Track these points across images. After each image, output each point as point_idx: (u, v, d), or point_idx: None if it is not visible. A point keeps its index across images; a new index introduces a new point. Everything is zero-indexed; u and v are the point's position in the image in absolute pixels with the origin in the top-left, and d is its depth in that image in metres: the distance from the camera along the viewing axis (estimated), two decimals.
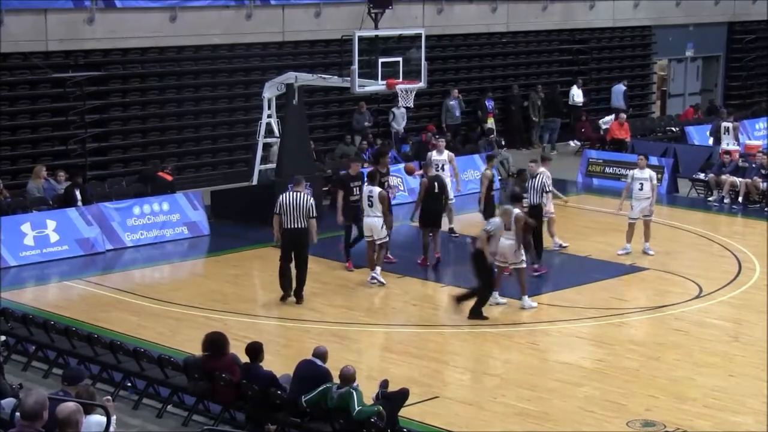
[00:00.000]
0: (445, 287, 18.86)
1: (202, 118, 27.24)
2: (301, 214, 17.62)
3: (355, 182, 19.88)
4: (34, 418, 8.13)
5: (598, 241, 21.71)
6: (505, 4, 32.42)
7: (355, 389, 11.97)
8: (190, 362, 13.24)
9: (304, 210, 17.63)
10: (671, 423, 13.15)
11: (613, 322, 17.16)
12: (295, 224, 17.65)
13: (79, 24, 24.78)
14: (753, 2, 38.37)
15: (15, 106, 24.44)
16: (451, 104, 30.62)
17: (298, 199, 17.69)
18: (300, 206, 17.63)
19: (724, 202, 25.43)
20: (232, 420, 13.12)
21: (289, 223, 17.67)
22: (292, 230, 17.67)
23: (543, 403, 13.81)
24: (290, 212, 17.65)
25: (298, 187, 17.97)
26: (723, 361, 15.41)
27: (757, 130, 32.50)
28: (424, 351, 15.79)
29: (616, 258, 20.34)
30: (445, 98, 30.77)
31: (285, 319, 17.44)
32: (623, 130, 30.32)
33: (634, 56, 36.60)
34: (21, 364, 15.11)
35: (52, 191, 22.19)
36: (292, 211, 17.64)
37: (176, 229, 22.32)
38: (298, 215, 17.62)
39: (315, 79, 23.88)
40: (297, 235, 17.70)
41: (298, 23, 28.21)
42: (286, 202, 17.70)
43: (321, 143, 28.37)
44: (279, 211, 17.73)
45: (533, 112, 32.71)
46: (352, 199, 19.73)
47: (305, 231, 17.70)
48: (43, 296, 18.89)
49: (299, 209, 17.62)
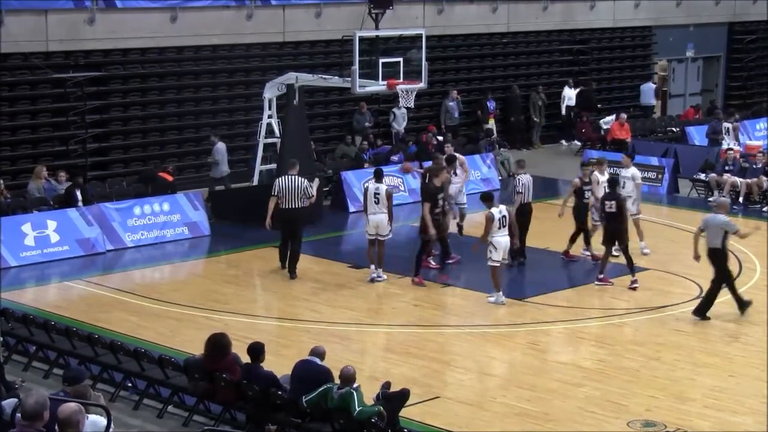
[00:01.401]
0: (445, 287, 18.87)
1: (203, 119, 27.23)
2: (296, 196, 19.27)
3: (440, 194, 19.37)
4: (35, 418, 8.13)
5: (599, 241, 21.65)
6: (506, 4, 32.42)
7: (356, 389, 11.98)
8: (191, 362, 13.25)
9: (299, 191, 19.27)
10: (671, 423, 13.16)
11: (613, 322, 17.17)
12: (291, 205, 19.33)
13: (80, 24, 24.78)
14: (753, 2, 38.37)
15: (15, 107, 24.44)
16: (450, 105, 30.62)
17: (293, 181, 19.30)
18: (295, 188, 19.27)
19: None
20: (233, 420, 13.13)
21: (286, 204, 19.29)
22: (289, 210, 19.31)
23: (543, 404, 13.82)
24: (287, 194, 19.28)
25: (292, 170, 19.53)
26: (723, 361, 15.42)
27: (758, 131, 32.51)
28: (425, 351, 15.80)
29: (616, 258, 20.31)
30: (444, 99, 30.76)
31: (285, 320, 17.46)
32: (624, 131, 30.33)
33: (634, 56, 36.59)
34: (21, 364, 15.12)
35: (53, 191, 22.20)
36: (288, 193, 19.28)
37: (177, 229, 22.32)
38: (293, 197, 19.27)
39: (315, 80, 23.88)
40: (293, 214, 19.37)
41: (299, 23, 28.21)
42: (283, 186, 19.32)
43: (321, 143, 28.37)
44: (275, 193, 19.36)
45: (534, 112, 32.72)
46: (435, 212, 19.15)
47: (301, 211, 19.42)
48: (43, 296, 18.90)
49: (295, 191, 19.25)
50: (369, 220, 19.22)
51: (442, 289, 18.85)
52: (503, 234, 17.66)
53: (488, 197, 18.35)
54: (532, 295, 18.38)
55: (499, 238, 17.61)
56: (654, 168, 27.12)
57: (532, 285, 19.15)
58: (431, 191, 19.24)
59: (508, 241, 17.79)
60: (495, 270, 17.72)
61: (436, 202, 19.18)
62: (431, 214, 18.87)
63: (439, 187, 19.34)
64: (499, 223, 17.60)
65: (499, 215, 17.61)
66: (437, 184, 19.30)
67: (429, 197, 19.13)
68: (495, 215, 17.58)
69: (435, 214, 19.02)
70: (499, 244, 17.60)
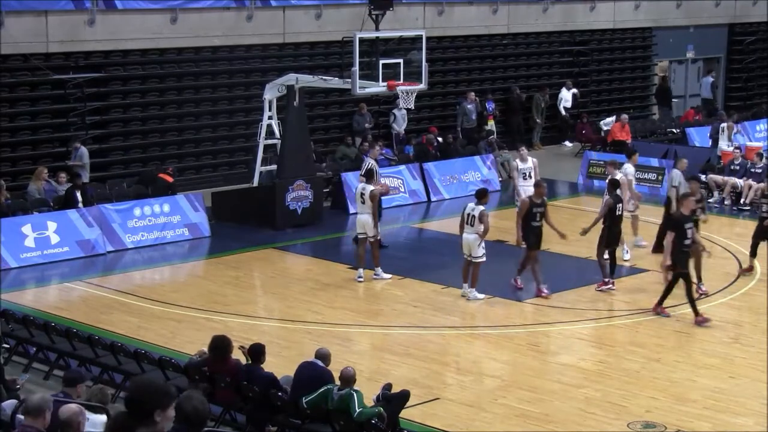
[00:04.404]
0: (446, 289, 18.87)
1: (203, 120, 27.23)
2: None
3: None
4: (37, 414, 8.14)
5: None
6: (506, 5, 32.43)
7: (356, 391, 11.98)
8: (191, 364, 13.25)
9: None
10: (672, 424, 13.17)
11: (613, 323, 17.18)
12: None
13: (80, 25, 24.79)
14: (753, 4, 38.37)
15: (15, 108, 24.44)
16: (468, 107, 30.58)
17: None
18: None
19: (725, 203, 25.42)
20: (233, 421, 13.13)
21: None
22: None
23: (543, 405, 13.82)
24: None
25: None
26: (723, 362, 15.42)
27: (758, 132, 32.50)
28: (425, 352, 15.80)
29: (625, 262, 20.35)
30: (462, 101, 30.73)
31: (286, 321, 17.46)
32: (624, 132, 30.33)
33: (634, 58, 36.60)
34: (22, 365, 15.11)
35: (53, 193, 22.20)
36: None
37: (177, 230, 22.31)
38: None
39: (316, 81, 23.88)
40: None
41: (299, 25, 28.22)
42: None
43: (321, 145, 28.37)
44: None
45: (536, 113, 32.72)
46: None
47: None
48: (43, 298, 18.89)
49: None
50: (357, 220, 19.48)
51: (443, 290, 18.84)
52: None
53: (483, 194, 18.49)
54: (533, 296, 18.37)
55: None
56: (654, 169, 27.10)
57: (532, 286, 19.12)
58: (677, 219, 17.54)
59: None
60: (478, 266, 18.04)
61: (534, 216, 18.38)
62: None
63: (539, 203, 18.47)
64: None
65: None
66: (685, 212, 17.47)
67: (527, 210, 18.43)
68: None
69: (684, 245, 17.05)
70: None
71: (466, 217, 18.02)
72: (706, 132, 31.07)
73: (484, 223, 17.87)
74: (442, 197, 26.30)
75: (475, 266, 18.06)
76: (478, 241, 17.90)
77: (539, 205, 18.46)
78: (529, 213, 18.36)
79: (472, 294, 18.09)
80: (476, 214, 17.88)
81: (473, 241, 17.93)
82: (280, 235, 22.63)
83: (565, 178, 27.43)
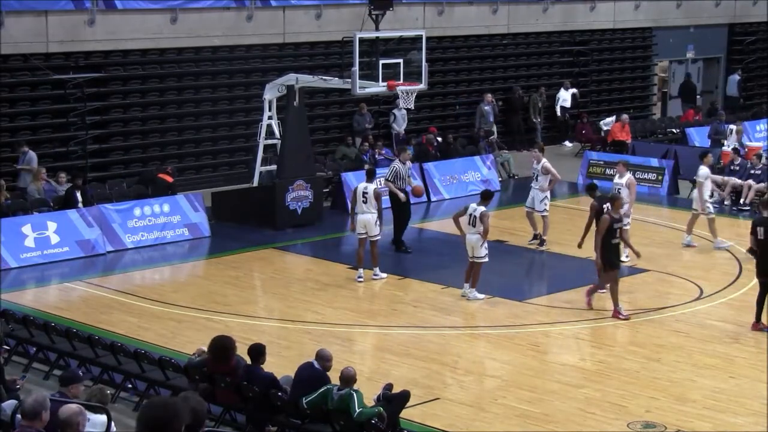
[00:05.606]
0: (446, 289, 18.87)
1: (203, 120, 27.24)
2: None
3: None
4: (34, 417, 8.14)
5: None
6: (506, 5, 32.44)
7: (356, 391, 11.98)
8: (191, 364, 13.24)
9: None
10: (671, 424, 13.17)
11: (613, 323, 17.16)
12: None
13: (80, 25, 24.79)
14: (753, 4, 38.38)
15: (15, 108, 24.45)
16: (486, 109, 30.56)
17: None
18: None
19: (725, 203, 25.42)
20: (233, 422, 13.13)
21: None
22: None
23: (543, 405, 13.82)
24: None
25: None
26: (723, 362, 15.42)
27: (758, 132, 32.51)
28: (425, 352, 15.79)
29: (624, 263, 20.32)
30: (480, 103, 30.73)
31: (286, 321, 17.45)
32: (624, 132, 30.33)
33: (634, 58, 36.61)
34: (22, 365, 15.11)
35: (53, 193, 22.21)
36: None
37: (177, 230, 22.31)
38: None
39: (316, 81, 23.89)
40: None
41: (299, 25, 28.22)
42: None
43: (322, 145, 28.38)
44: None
45: (534, 113, 32.72)
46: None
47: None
48: (43, 298, 18.88)
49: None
50: (358, 219, 19.34)
51: (443, 290, 18.84)
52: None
53: (488, 196, 18.46)
54: (533, 296, 18.36)
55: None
56: (654, 169, 27.11)
57: (532, 286, 19.15)
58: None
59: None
60: (480, 266, 18.05)
61: (615, 232, 17.36)
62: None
63: (617, 218, 17.56)
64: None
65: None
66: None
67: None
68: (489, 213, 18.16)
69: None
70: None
71: (468, 218, 18.02)
72: (706, 132, 31.07)
73: (484, 224, 17.89)
74: (442, 197, 26.31)
75: (476, 266, 18.06)
76: (480, 242, 17.92)
77: (618, 220, 17.44)
78: (610, 229, 17.18)
79: (473, 294, 18.10)
80: (477, 215, 17.90)
81: (476, 242, 17.94)
82: (280, 235, 22.63)
83: (565, 178, 27.36)
